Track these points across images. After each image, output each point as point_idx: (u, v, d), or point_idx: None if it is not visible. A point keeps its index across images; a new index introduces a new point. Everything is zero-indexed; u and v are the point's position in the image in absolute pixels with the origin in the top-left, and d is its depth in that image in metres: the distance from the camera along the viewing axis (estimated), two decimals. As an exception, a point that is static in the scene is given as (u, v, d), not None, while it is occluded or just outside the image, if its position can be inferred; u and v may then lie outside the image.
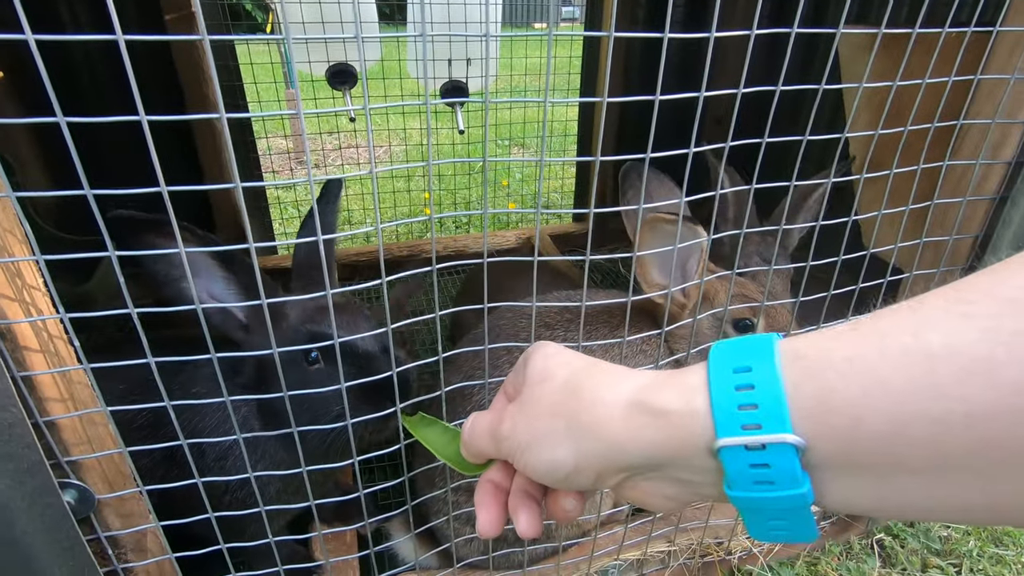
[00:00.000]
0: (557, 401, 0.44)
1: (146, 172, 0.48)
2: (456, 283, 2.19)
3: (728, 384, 0.37)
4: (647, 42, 2.08)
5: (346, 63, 1.85)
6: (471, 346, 1.04)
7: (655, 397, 0.40)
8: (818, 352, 0.35)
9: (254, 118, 2.40)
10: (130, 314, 0.54)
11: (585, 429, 0.41)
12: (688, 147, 0.63)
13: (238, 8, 3.05)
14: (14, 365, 0.53)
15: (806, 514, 0.37)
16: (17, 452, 0.54)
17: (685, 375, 0.40)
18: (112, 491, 0.65)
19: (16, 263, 0.55)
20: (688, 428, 0.38)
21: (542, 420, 0.44)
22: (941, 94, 0.78)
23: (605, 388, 0.42)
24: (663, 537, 1.10)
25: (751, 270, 1.21)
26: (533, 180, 3.48)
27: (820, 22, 1.89)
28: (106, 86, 1.65)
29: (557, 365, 0.46)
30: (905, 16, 1.49)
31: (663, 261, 0.93)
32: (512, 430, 0.46)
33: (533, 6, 9.33)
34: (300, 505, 0.79)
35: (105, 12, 0.41)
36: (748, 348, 0.38)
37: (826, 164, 1.80)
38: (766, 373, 0.36)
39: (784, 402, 0.35)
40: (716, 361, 0.39)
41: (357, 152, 2.80)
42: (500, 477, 0.51)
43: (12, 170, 1.53)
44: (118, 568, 0.69)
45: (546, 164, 0.57)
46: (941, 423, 0.30)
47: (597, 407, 0.42)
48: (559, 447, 0.42)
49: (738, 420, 0.36)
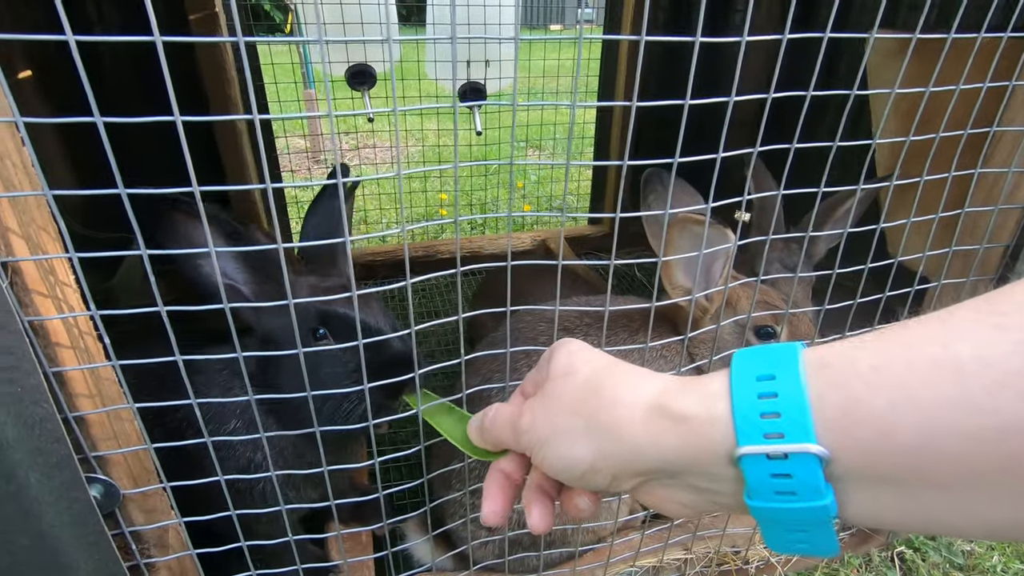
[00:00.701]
0: (578, 398, 0.44)
1: (170, 169, 0.49)
2: (472, 284, 2.19)
3: (751, 391, 0.37)
4: (666, 45, 2.07)
5: (365, 64, 1.86)
6: (489, 349, 1.04)
7: (675, 401, 0.39)
8: (843, 361, 0.35)
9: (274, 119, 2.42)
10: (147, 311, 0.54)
11: (604, 429, 0.41)
12: (709, 152, 0.63)
13: (258, 8, 3.08)
14: (46, 361, 0.54)
15: (827, 527, 0.36)
16: (47, 446, 0.55)
17: (707, 381, 0.40)
18: (136, 487, 0.66)
19: (49, 260, 0.56)
20: (708, 435, 0.38)
21: (562, 416, 0.44)
22: (970, 101, 0.76)
23: (626, 389, 0.42)
24: (680, 544, 1.09)
25: (773, 277, 1.20)
26: (548, 182, 3.47)
27: (842, 28, 1.86)
28: (132, 85, 1.68)
29: (580, 362, 0.46)
30: (934, 21, 1.46)
31: (688, 262, 0.92)
32: (532, 423, 0.46)
33: (550, 8, 9.32)
34: (318, 505, 0.80)
35: (131, 12, 0.41)
36: (772, 356, 0.38)
37: (847, 171, 1.78)
38: (790, 382, 0.35)
39: (808, 411, 0.34)
40: (739, 368, 0.39)
41: (375, 152, 2.81)
42: (512, 468, 0.51)
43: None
44: (141, 563, 0.69)
45: (565, 167, 0.57)
46: (972, 437, 0.30)
47: (617, 408, 0.41)
48: (577, 444, 0.42)
49: (760, 428, 0.35)
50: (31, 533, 0.57)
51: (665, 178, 1.02)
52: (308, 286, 0.91)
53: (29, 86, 1.52)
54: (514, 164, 0.60)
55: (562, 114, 2.67)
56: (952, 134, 0.77)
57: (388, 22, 0.48)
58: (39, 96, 1.54)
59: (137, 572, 0.70)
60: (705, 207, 0.66)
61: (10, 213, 0.50)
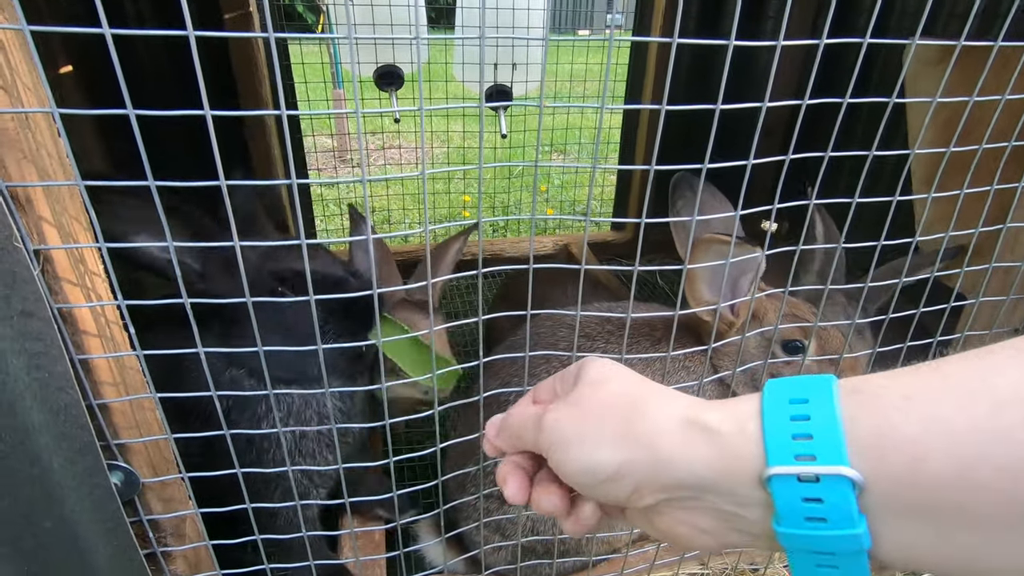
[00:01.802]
0: (612, 404, 0.43)
1: (201, 164, 0.49)
2: (491, 287, 2.19)
3: (783, 413, 0.36)
4: (694, 54, 2.05)
5: (393, 65, 1.88)
6: (509, 352, 1.04)
7: (707, 416, 0.39)
8: (875, 388, 0.35)
9: (302, 118, 2.46)
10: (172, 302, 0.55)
11: (637, 436, 0.41)
12: (738, 158, 0.61)
13: (291, 10, 3.14)
14: (73, 348, 0.55)
15: (861, 560, 0.35)
16: (72, 432, 0.56)
17: (739, 401, 0.40)
18: (156, 475, 0.67)
19: (79, 249, 0.57)
20: (738, 451, 0.37)
21: (591, 420, 0.43)
22: (1013, 111, 0.73)
23: (661, 401, 0.42)
24: (696, 559, 1.07)
25: (802, 288, 1.17)
26: (572, 186, 3.46)
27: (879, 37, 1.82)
28: (167, 81, 1.72)
29: (613, 373, 0.46)
30: (975, 29, 1.42)
31: (714, 279, 0.90)
32: (557, 422, 0.45)
33: (578, 13, 9.32)
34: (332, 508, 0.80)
35: (166, 9, 0.42)
36: (806, 381, 0.38)
37: (879, 180, 1.73)
38: (823, 404, 0.35)
39: (841, 434, 0.34)
40: (771, 391, 0.38)
41: (400, 153, 2.84)
42: (527, 464, 0.50)
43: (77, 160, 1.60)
44: (158, 551, 0.70)
45: (590, 171, 0.56)
46: (1007, 470, 0.29)
47: (652, 417, 0.41)
48: (603, 449, 0.41)
49: (792, 450, 0.35)
50: (53, 517, 0.58)
51: (695, 184, 1.00)
52: (257, 251, 0.93)
53: (70, 81, 1.56)
54: (539, 166, 0.59)
55: (588, 119, 2.66)
56: (995, 146, 0.74)
57: (417, 23, 0.48)
58: (80, 90, 1.59)
59: (154, 560, 0.70)
60: (734, 215, 0.65)
61: (44, 202, 0.51)
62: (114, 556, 0.64)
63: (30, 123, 0.50)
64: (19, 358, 0.50)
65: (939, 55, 1.30)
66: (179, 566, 0.73)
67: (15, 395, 0.50)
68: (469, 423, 1.03)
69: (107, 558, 0.63)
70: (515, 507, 0.97)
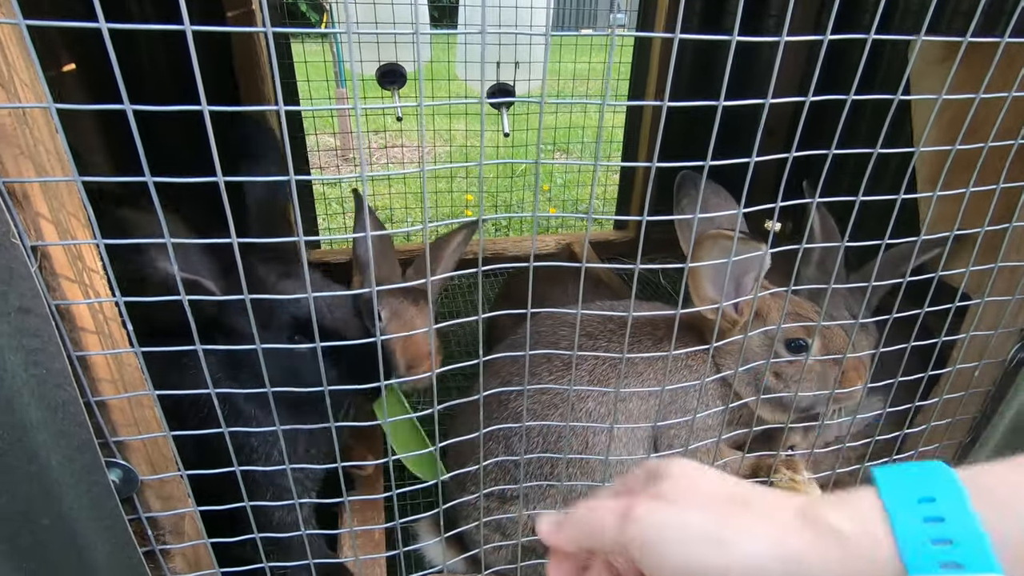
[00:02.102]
0: (718, 497, 0.39)
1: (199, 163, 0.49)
2: (494, 286, 2.18)
3: (914, 514, 0.34)
4: (696, 52, 2.05)
5: (396, 63, 1.87)
6: (509, 351, 1.03)
7: (826, 513, 0.36)
8: (1009, 488, 0.33)
9: (304, 116, 2.46)
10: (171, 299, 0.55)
11: (753, 533, 0.37)
12: (741, 157, 0.61)
13: (294, 9, 3.13)
14: (71, 345, 0.55)
15: None
16: (70, 430, 0.56)
17: (852, 498, 0.37)
18: (154, 473, 0.67)
19: (77, 246, 0.57)
20: (870, 556, 0.34)
21: (694, 513, 0.39)
22: (1018, 109, 0.72)
23: (767, 495, 0.39)
24: None
25: (806, 287, 1.16)
26: (574, 185, 3.45)
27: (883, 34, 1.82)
28: (168, 79, 1.72)
29: (706, 470, 0.43)
30: (980, 26, 1.41)
31: (717, 277, 0.90)
32: (650, 514, 0.39)
33: (582, 12, 9.32)
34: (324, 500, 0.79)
35: (169, 7, 0.42)
36: (925, 476, 0.35)
37: (881, 179, 1.72)
38: (957, 506, 0.33)
39: (986, 540, 0.32)
40: (890, 487, 0.36)
41: (402, 152, 2.84)
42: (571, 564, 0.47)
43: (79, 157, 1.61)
44: (156, 549, 0.70)
45: (592, 168, 0.55)
46: None
47: (770, 512, 0.38)
48: (709, 546, 0.37)
49: (934, 556, 0.33)
50: (51, 514, 0.58)
51: (699, 182, 1.00)
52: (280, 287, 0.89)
53: (72, 78, 1.57)
54: (540, 163, 0.59)
55: (590, 118, 2.65)
56: (1001, 144, 0.73)
57: (418, 20, 0.47)
58: (82, 88, 1.59)
59: (152, 558, 0.70)
60: (736, 212, 0.64)
61: (41, 199, 0.51)
62: (112, 554, 0.64)
63: (27, 119, 0.50)
64: (16, 354, 0.50)
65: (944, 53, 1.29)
66: (178, 564, 0.73)
67: (12, 391, 0.50)
68: (468, 422, 1.02)
69: (105, 556, 0.63)
70: (515, 506, 0.97)
